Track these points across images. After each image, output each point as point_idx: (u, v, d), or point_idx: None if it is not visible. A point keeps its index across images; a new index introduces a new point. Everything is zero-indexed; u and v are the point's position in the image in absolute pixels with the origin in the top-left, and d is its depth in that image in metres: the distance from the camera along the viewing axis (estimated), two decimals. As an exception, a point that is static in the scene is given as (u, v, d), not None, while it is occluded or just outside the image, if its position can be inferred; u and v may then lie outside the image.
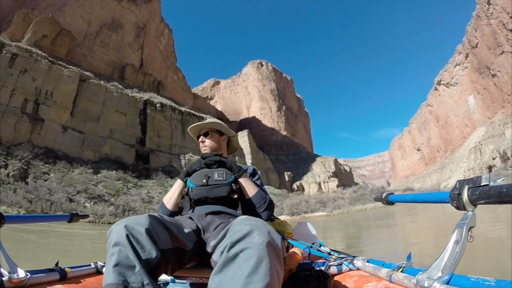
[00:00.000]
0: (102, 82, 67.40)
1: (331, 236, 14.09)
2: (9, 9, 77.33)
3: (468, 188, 0.94)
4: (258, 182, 2.01)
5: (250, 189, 1.80)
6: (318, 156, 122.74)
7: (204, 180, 1.73)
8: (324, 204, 66.05)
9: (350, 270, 1.65)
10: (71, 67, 63.19)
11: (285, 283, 1.52)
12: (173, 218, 1.57)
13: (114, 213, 40.35)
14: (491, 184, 0.90)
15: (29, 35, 63.55)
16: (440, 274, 0.98)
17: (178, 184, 1.89)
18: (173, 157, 72.63)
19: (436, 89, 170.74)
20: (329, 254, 1.82)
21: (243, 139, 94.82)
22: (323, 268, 1.68)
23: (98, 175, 51.36)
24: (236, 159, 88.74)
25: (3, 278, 1.29)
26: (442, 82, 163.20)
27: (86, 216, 2.35)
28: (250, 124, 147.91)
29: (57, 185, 41.85)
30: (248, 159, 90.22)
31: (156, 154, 70.58)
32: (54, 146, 53.52)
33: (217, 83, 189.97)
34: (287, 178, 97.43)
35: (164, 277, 1.73)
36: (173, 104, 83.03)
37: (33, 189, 38.12)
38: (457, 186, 0.98)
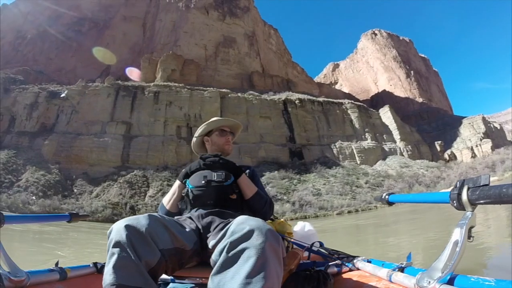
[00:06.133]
0: (239, 94, 70.85)
1: (487, 217, 10.07)
2: (130, 60, 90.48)
3: (468, 188, 0.93)
4: (258, 183, 1.92)
5: (250, 189, 1.75)
6: (463, 117, 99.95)
7: (203, 181, 1.68)
8: (492, 168, 59.30)
9: (350, 270, 1.66)
10: (208, 88, 67.79)
11: (285, 283, 1.51)
12: (173, 218, 1.52)
13: (294, 209, 43.15)
14: (491, 184, 0.89)
15: (160, 73, 70.83)
16: (440, 274, 0.98)
17: (177, 185, 1.81)
18: (324, 148, 71.77)
19: None
20: (329, 254, 1.86)
21: (386, 115, 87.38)
22: (323, 268, 1.67)
23: (263, 178, 51.16)
24: (384, 137, 78.76)
25: (3, 278, 1.27)
26: None
27: (86, 216, 2.25)
28: (382, 99, 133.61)
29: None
30: (396, 135, 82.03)
31: (308, 148, 70.39)
32: (216, 160, 56.62)
33: (337, 66, 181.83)
34: (438, 148, 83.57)
35: (164, 277, 1.70)
36: (310, 97, 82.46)
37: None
38: (457, 186, 0.98)
